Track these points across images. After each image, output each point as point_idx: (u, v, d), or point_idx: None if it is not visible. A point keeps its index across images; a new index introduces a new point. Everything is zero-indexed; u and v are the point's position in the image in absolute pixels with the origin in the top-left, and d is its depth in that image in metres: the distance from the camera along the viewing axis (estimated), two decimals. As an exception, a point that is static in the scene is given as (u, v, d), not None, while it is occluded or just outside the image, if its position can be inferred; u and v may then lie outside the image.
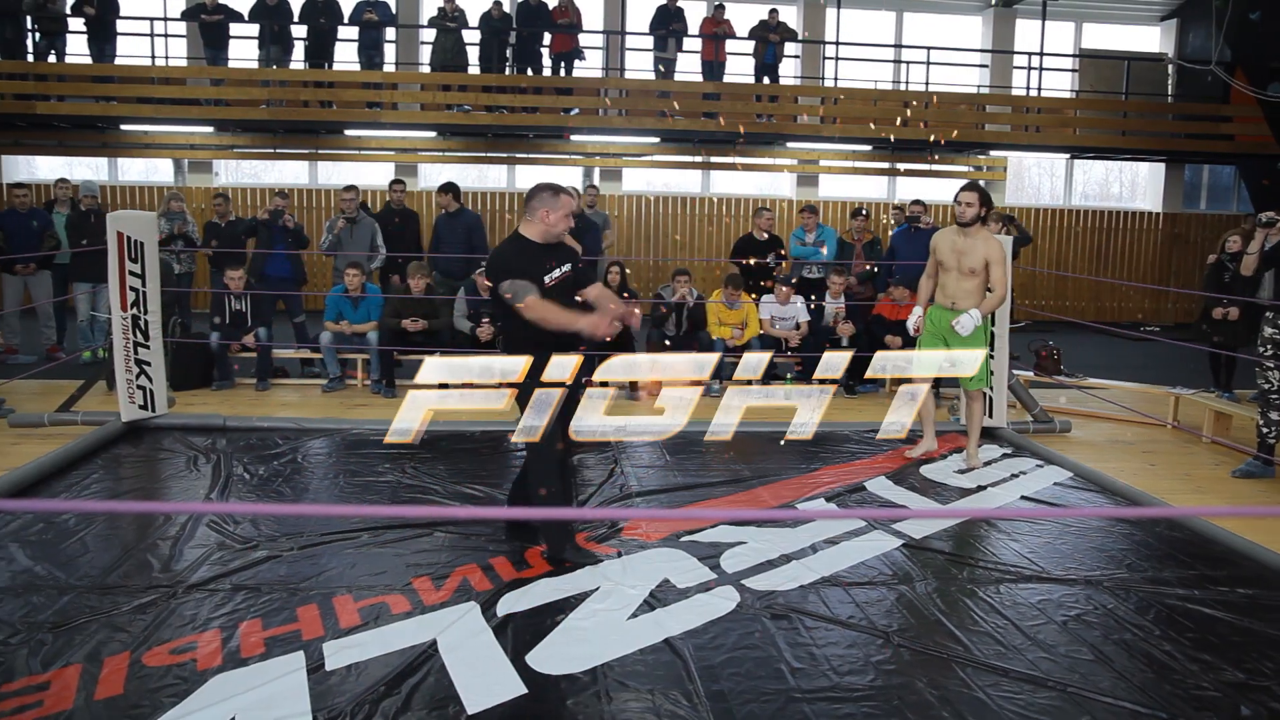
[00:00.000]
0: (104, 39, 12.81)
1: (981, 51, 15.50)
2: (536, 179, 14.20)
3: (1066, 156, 15.63)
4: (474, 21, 13.29)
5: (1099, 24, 16.22)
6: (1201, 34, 15.05)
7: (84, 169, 14.17)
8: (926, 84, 14.31)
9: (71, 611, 3.50)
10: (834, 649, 3.38)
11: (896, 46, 15.01)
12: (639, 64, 14.31)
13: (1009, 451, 6.29)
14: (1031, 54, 14.64)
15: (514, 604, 3.67)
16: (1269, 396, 5.91)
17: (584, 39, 13.62)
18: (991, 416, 6.66)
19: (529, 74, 13.53)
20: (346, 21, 13.22)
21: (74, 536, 4.26)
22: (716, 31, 13.70)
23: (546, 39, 13.39)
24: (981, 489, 5.43)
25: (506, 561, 4.11)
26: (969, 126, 14.28)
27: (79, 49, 13.02)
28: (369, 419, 6.68)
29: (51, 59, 12.87)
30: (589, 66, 13.98)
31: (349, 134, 13.84)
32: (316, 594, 3.73)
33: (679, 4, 13.54)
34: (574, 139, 14.13)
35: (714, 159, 14.55)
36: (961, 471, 5.74)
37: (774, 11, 13.76)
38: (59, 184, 9.81)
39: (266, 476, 5.37)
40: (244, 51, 13.41)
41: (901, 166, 14.71)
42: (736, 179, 15.08)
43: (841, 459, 6.01)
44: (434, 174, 14.27)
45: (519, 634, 3.42)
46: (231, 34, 13.11)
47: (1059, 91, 15.16)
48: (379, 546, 4.26)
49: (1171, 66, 15.59)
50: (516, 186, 14.60)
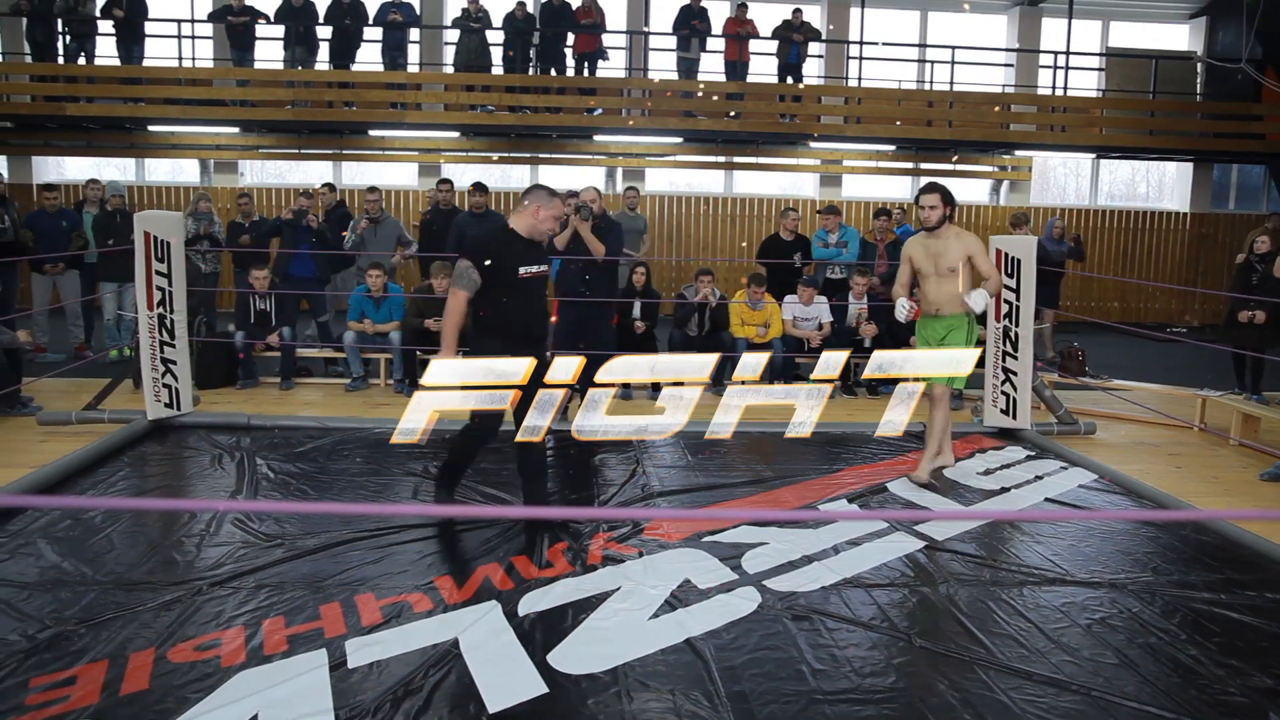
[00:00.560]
0: (132, 41, 12.95)
1: (1007, 50, 15.38)
2: (560, 179, 14.32)
3: (1093, 156, 15.49)
4: (498, 22, 13.33)
5: (1126, 22, 16.06)
6: (1231, 31, 14.87)
7: (112, 169, 14.31)
8: (951, 83, 14.21)
9: (97, 608, 3.54)
10: (855, 650, 3.36)
11: (921, 46, 14.92)
12: (662, 64, 14.31)
13: (1033, 453, 6.24)
14: (1057, 53, 14.51)
15: (535, 603, 3.68)
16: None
17: (607, 39, 13.63)
18: (1016, 418, 6.61)
19: (552, 74, 13.56)
20: (371, 22, 13.29)
21: (100, 533, 4.31)
22: (740, 31, 13.67)
23: (570, 39, 13.41)
24: (1005, 491, 5.39)
25: (528, 561, 4.11)
26: (994, 126, 14.18)
27: (108, 51, 13.18)
28: (392, 418, 6.69)
29: (81, 61, 13.04)
30: (612, 67, 13.99)
31: (373, 134, 13.91)
32: (339, 592, 3.75)
33: (702, 4, 13.52)
34: (597, 139, 14.15)
35: (737, 159, 14.53)
36: (924, 485, 5.42)
37: (798, 11, 13.71)
38: (90, 184, 9.91)
39: (290, 475, 5.41)
40: (269, 53, 13.50)
41: (925, 166, 14.63)
42: (759, 179, 15.04)
43: (863, 460, 5.98)
44: (456, 174, 14.31)
45: (540, 633, 3.43)
46: (257, 35, 13.23)
47: (1085, 91, 15.03)
48: (401, 545, 4.28)
49: (1200, 65, 15.41)
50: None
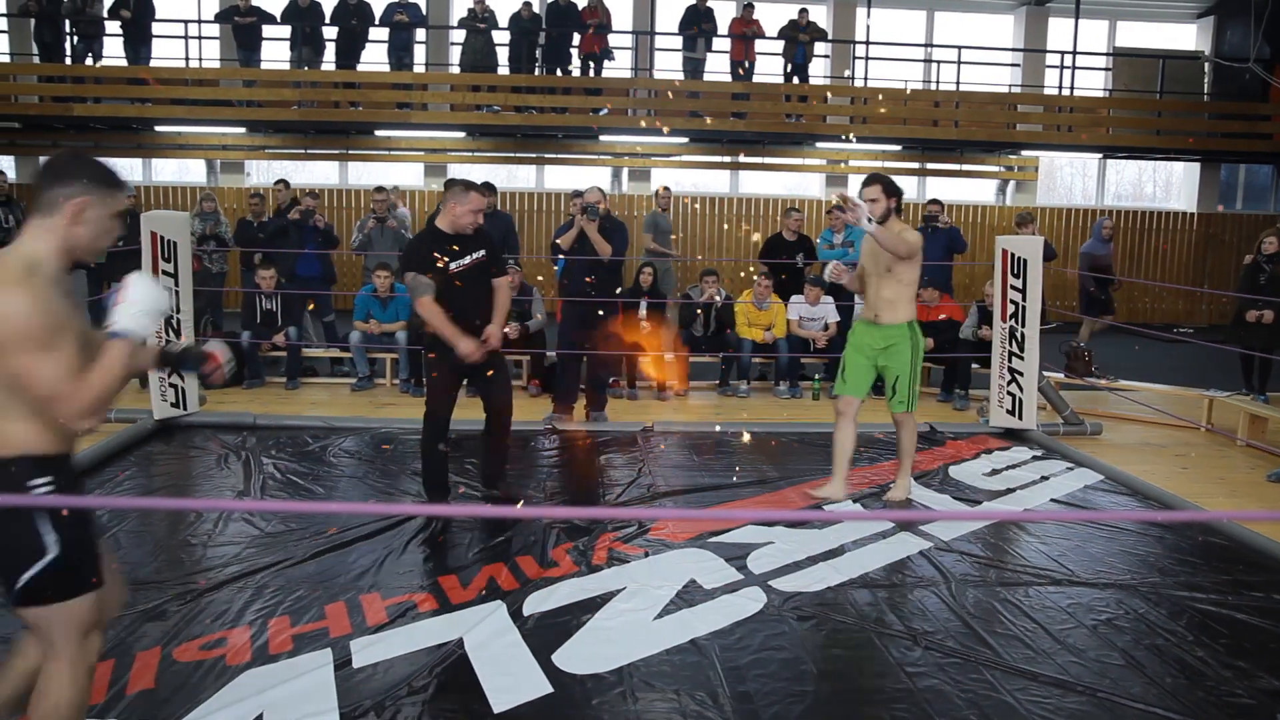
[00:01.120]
0: (139, 41, 12.97)
1: (1013, 50, 15.35)
2: (565, 179, 14.33)
3: (1099, 156, 15.44)
4: (504, 22, 13.34)
5: (1133, 22, 16.01)
6: (1239, 31, 14.82)
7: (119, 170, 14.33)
8: (957, 83, 14.18)
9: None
10: (861, 651, 3.36)
11: (927, 46, 14.89)
12: (668, 64, 14.30)
13: (1039, 454, 6.23)
14: (1064, 53, 14.47)
15: (540, 603, 3.68)
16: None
17: (613, 39, 13.63)
18: (1022, 418, 6.60)
19: (558, 74, 13.56)
20: (377, 23, 13.30)
21: (107, 533, 4.31)
22: (746, 31, 13.66)
23: (576, 39, 13.41)
24: (1010, 491, 5.39)
25: (533, 560, 4.12)
26: (1000, 126, 14.15)
27: (115, 51, 13.21)
28: (397, 418, 6.71)
29: (88, 61, 13.07)
30: (618, 67, 13.99)
31: (379, 134, 13.93)
32: (344, 591, 3.76)
33: (708, 4, 13.51)
34: (603, 139, 14.15)
35: (743, 159, 14.52)
36: (888, 499, 5.17)
37: (804, 11, 13.70)
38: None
39: (296, 474, 5.41)
40: (276, 53, 13.53)
41: (931, 166, 14.61)
42: (765, 179, 15.03)
43: (869, 460, 5.97)
44: (462, 175, 14.32)
45: (545, 633, 3.43)
46: (264, 36, 13.24)
47: (1092, 90, 14.98)
48: (406, 544, 4.28)
49: (1208, 64, 15.36)
50: (545, 187, 14.64)
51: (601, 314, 6.78)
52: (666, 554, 4.25)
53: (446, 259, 4.58)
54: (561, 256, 6.84)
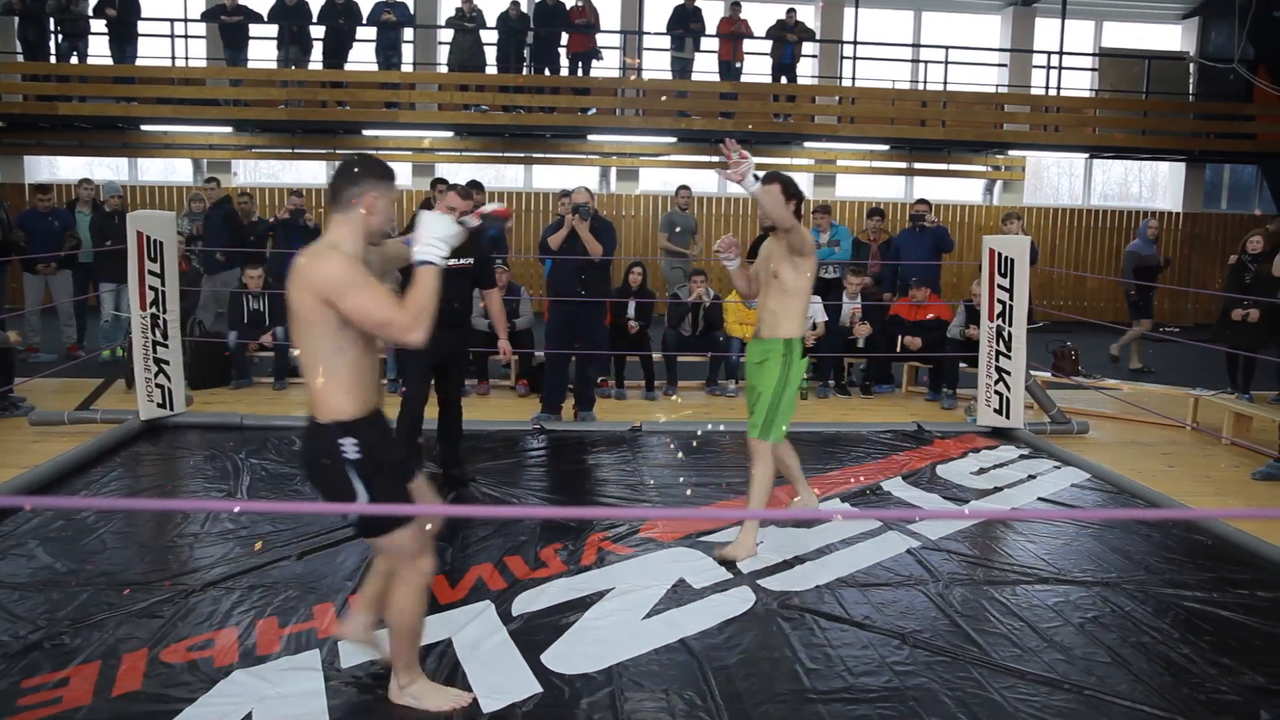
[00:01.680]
0: (125, 40, 12.89)
1: (1000, 50, 15.41)
2: (554, 179, 14.31)
3: (1086, 156, 15.52)
4: (491, 21, 13.31)
5: (1119, 22, 16.09)
6: (1224, 32, 14.91)
7: (104, 169, 14.26)
8: (945, 83, 14.23)
9: (90, 608, 3.53)
10: (849, 650, 3.37)
11: (914, 46, 14.93)
12: (656, 64, 14.31)
13: (1026, 453, 6.25)
14: (1051, 53, 14.54)
15: (529, 603, 3.68)
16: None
17: (601, 39, 13.62)
18: (1009, 417, 6.62)
19: (546, 74, 13.55)
20: (365, 22, 13.26)
21: (93, 534, 4.30)
22: (734, 31, 13.68)
23: (564, 39, 13.40)
24: (998, 490, 5.41)
25: (521, 560, 4.12)
26: (987, 126, 14.20)
27: (100, 50, 13.13)
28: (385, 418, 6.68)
29: (74, 60, 12.98)
30: (606, 66, 13.98)
31: (367, 134, 13.89)
32: (333, 592, 3.75)
33: (696, 4, 13.51)
34: (591, 139, 14.14)
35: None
36: (719, 556, 4.24)
37: (791, 11, 13.71)
38: (82, 184, 9.88)
39: (283, 475, 5.39)
40: (263, 52, 13.47)
41: (919, 166, 14.65)
42: (753, 179, 15.02)
43: (857, 459, 5.99)
44: (450, 174, 14.29)
45: (534, 633, 3.43)
46: (250, 35, 13.17)
47: (1078, 91, 15.05)
48: (395, 545, 4.27)
49: (1193, 65, 15.45)
50: (534, 186, 14.62)
51: (590, 314, 6.78)
52: (655, 553, 4.25)
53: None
54: (550, 256, 6.83)
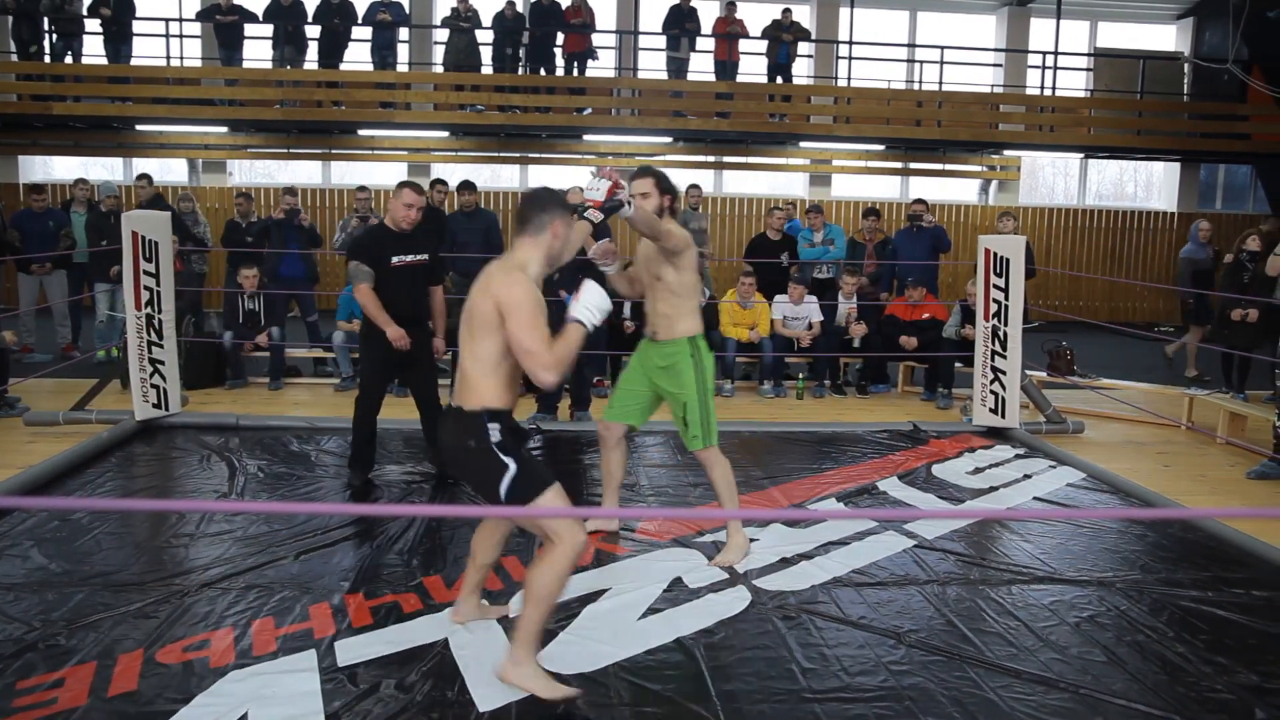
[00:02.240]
0: (120, 39, 12.87)
1: (996, 51, 15.43)
2: (549, 179, 14.31)
3: (1081, 156, 15.55)
4: (487, 21, 13.30)
5: (1114, 23, 16.13)
6: (1218, 32, 14.94)
7: (99, 169, 14.24)
8: (940, 83, 14.25)
9: (85, 609, 3.53)
10: (845, 649, 3.37)
11: (910, 46, 14.96)
12: (652, 64, 14.31)
13: (1021, 452, 6.26)
14: (1046, 53, 14.56)
15: (525, 603, 3.67)
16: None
17: (597, 39, 13.62)
18: (1005, 417, 6.63)
19: (542, 74, 13.54)
20: (360, 22, 13.25)
21: (88, 534, 4.29)
22: (729, 31, 13.68)
23: (560, 39, 13.40)
24: (994, 490, 5.41)
25: (517, 561, 4.11)
26: (982, 126, 14.23)
27: (95, 50, 13.10)
28: (381, 418, 6.66)
29: (68, 60, 12.95)
30: (602, 66, 13.98)
31: (362, 134, 13.87)
32: (328, 593, 3.74)
33: (692, 3, 13.51)
34: (586, 138, 14.14)
35: (726, 159, 14.54)
36: (717, 563, 4.18)
37: (787, 11, 13.73)
38: (77, 184, 9.86)
39: (279, 475, 5.39)
40: (258, 52, 13.45)
41: (914, 166, 14.67)
42: (749, 179, 15.06)
43: (853, 459, 5.99)
44: (445, 174, 14.29)
45: (530, 633, 3.42)
46: (246, 34, 13.17)
47: (1073, 91, 15.08)
48: (390, 545, 4.27)
49: (1187, 65, 15.48)
50: (529, 186, 14.62)
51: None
52: (651, 553, 4.25)
53: (388, 252, 5.02)
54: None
